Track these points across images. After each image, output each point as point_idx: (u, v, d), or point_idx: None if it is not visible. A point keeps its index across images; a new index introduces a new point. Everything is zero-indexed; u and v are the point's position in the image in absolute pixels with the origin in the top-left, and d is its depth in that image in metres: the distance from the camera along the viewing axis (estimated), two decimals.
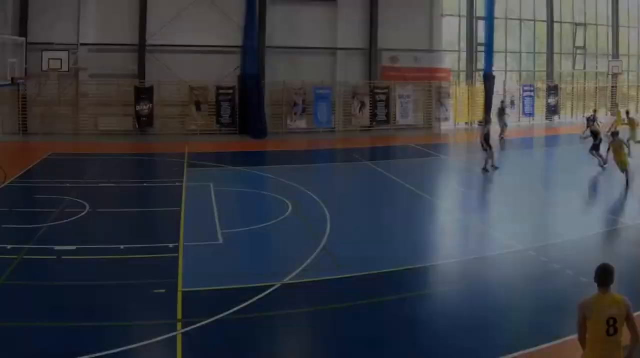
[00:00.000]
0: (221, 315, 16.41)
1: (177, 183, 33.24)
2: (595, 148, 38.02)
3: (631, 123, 45.11)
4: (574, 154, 45.43)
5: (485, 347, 15.04)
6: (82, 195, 29.32)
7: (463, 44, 65.78)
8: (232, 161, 42.55)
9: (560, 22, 69.25)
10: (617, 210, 30.11)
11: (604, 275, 10.87)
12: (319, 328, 16.63)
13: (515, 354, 14.45)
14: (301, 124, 56.76)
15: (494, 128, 47.81)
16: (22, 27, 50.27)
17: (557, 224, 27.23)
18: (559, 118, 68.69)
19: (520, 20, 67.55)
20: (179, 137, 52.01)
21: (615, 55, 72.49)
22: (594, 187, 35.98)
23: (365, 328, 16.16)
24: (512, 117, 64.50)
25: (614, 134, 34.40)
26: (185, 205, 28.57)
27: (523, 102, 66.09)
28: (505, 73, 67.78)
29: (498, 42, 64.99)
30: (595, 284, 10.93)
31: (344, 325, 16.48)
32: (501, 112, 54.83)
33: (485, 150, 37.45)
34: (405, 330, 16.16)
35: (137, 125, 53.14)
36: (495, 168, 37.11)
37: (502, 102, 58.70)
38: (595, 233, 25.51)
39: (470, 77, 65.55)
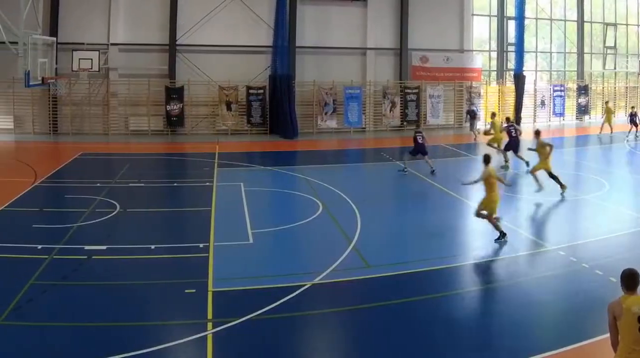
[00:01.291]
0: (251, 315, 16.04)
1: (207, 183, 32.66)
2: None
3: None
4: (606, 153, 44.84)
5: (516, 347, 14.67)
6: (112, 195, 28.90)
7: (494, 44, 64.54)
8: (262, 161, 41.95)
9: (591, 22, 67.48)
10: None
11: (629, 279, 10.80)
12: (349, 328, 16.23)
13: (546, 354, 14.15)
14: (332, 123, 55.82)
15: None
16: (53, 27, 49.94)
17: (587, 224, 26.49)
18: (590, 118, 66.75)
19: (551, 20, 65.75)
20: (210, 137, 51.59)
21: None
22: (626, 187, 34.48)
23: (396, 329, 15.66)
24: (543, 117, 64.03)
25: None
26: (216, 205, 28.01)
27: (553, 102, 64.52)
28: (536, 73, 65.81)
29: (528, 42, 64.19)
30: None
31: (374, 325, 16.04)
32: (472, 115, 53.54)
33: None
34: (436, 330, 15.73)
35: (167, 125, 52.60)
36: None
37: (472, 105, 57.97)
38: (625, 233, 24.50)
39: (500, 77, 64.14)
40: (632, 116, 49.44)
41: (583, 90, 66.19)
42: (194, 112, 53.05)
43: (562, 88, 65.36)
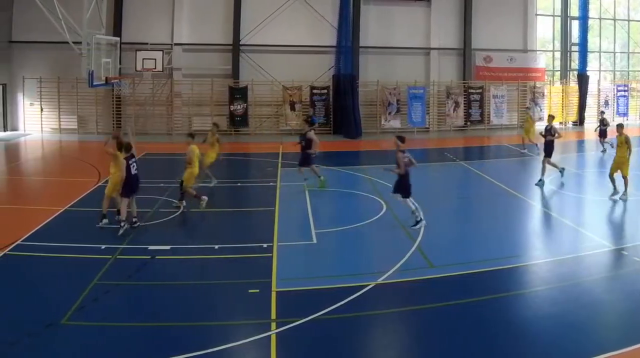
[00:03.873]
0: (315, 315, 15.64)
1: (271, 183, 32.15)
2: None
3: None
4: None
5: (578, 347, 14.19)
6: (175, 195, 27.65)
7: (557, 44, 62.09)
8: (326, 161, 39.44)
9: None
10: None
11: None
12: (412, 328, 15.75)
13: (609, 354, 13.69)
14: (395, 123, 53.80)
15: None
16: (117, 27, 49.46)
17: None
18: None
19: (615, 20, 63.00)
20: (273, 137, 50.43)
21: None
22: None
23: (459, 329, 15.24)
24: (607, 117, 61.02)
25: None
26: (280, 205, 27.38)
27: (617, 102, 61.86)
28: (599, 73, 63.46)
29: (592, 42, 61.95)
30: None
31: (437, 326, 15.56)
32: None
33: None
34: (499, 331, 15.16)
35: (231, 125, 51.29)
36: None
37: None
38: None
39: (564, 77, 61.59)
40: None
41: None
42: (258, 112, 52.02)
43: (626, 88, 62.55)
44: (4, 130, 49.82)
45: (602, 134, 40.39)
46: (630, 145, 27.64)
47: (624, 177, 27.41)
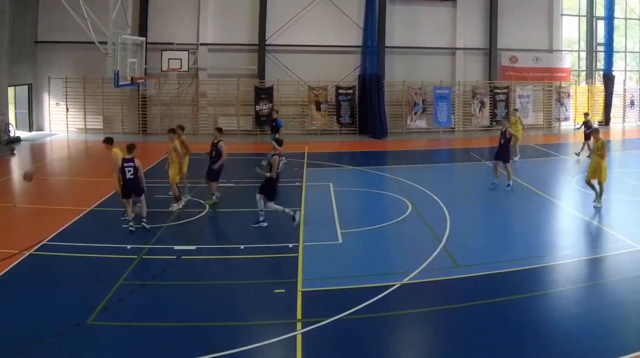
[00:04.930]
0: (340, 315, 15.59)
1: (297, 183, 31.85)
2: None
3: None
4: None
5: (604, 347, 14.07)
6: (201, 195, 28.17)
7: (583, 44, 60.92)
8: (351, 161, 40.32)
9: None
10: None
11: None
12: (438, 328, 15.61)
13: (634, 354, 13.56)
14: (421, 123, 53.04)
15: None
16: (142, 28, 49.14)
17: None
18: None
19: None
20: (299, 137, 49.48)
21: None
22: None
23: (484, 329, 15.17)
24: (632, 117, 60.56)
25: None
26: (305, 205, 27.24)
27: None
28: (625, 73, 61.91)
29: (618, 42, 60.67)
30: None
31: (463, 326, 15.43)
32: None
33: None
34: (524, 331, 14.96)
35: (257, 125, 50.86)
36: None
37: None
38: None
39: (590, 77, 60.50)
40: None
41: None
42: (284, 112, 50.69)
43: None
44: (30, 130, 49.64)
45: (587, 137, 38.75)
46: (604, 151, 26.38)
47: (600, 183, 26.31)
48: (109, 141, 25.06)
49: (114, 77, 36.73)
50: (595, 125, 38.42)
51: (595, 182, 26.48)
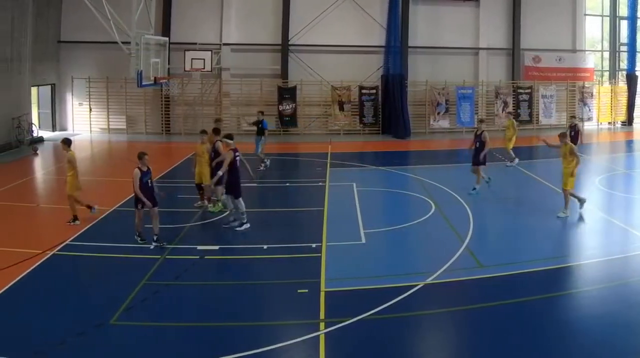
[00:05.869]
0: (364, 315, 15.48)
1: (320, 183, 31.61)
2: None
3: None
4: None
5: (628, 347, 13.91)
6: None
7: (606, 44, 59.97)
8: (374, 161, 40.16)
9: None
10: None
11: None
12: (461, 328, 15.43)
13: None
14: (444, 123, 52.43)
15: None
16: (165, 28, 48.98)
17: None
18: None
19: None
20: (322, 137, 49.50)
21: None
22: None
23: (508, 329, 15.02)
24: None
25: None
26: (328, 205, 27.05)
27: None
28: None
29: None
30: None
31: (486, 326, 15.30)
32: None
33: None
34: (548, 331, 14.79)
35: (280, 125, 50.37)
36: None
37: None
38: None
39: (613, 77, 59.40)
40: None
41: None
42: (307, 112, 50.88)
43: None
44: (53, 130, 49.42)
45: (573, 140, 37.42)
46: (578, 156, 24.79)
47: (564, 190, 25.15)
48: (66, 142, 24.34)
49: (137, 77, 36.55)
50: (580, 127, 37.07)
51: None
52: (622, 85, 58.54)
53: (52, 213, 26.08)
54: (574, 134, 35.62)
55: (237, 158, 23.03)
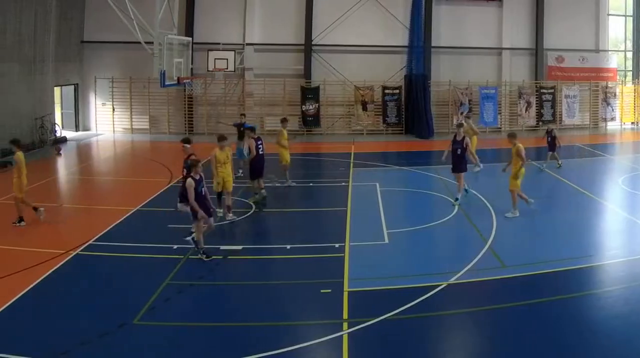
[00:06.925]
0: (387, 316, 15.38)
1: (343, 183, 31.37)
2: None
3: None
4: None
5: None
6: (248, 195, 27.60)
7: (629, 44, 58.97)
8: (397, 161, 39.66)
9: None
10: None
11: None
12: (484, 328, 15.29)
13: None
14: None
15: None
16: (188, 28, 48.64)
17: None
18: None
19: None
20: (345, 137, 49.03)
21: None
22: None
23: (531, 329, 14.79)
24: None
25: None
26: (352, 205, 26.80)
27: None
28: None
29: None
30: None
31: (509, 326, 15.16)
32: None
33: None
34: (571, 331, 14.70)
35: (303, 125, 50.14)
36: None
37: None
38: None
39: (636, 77, 58.16)
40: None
41: None
42: (330, 112, 50.39)
43: None
44: (76, 130, 49.35)
45: (551, 146, 36.13)
46: (523, 157, 24.03)
47: (511, 191, 24.62)
48: (15, 143, 23.89)
49: (160, 77, 35.93)
50: (556, 133, 35.89)
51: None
52: None
53: (75, 213, 25.96)
54: (551, 139, 35.32)
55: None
